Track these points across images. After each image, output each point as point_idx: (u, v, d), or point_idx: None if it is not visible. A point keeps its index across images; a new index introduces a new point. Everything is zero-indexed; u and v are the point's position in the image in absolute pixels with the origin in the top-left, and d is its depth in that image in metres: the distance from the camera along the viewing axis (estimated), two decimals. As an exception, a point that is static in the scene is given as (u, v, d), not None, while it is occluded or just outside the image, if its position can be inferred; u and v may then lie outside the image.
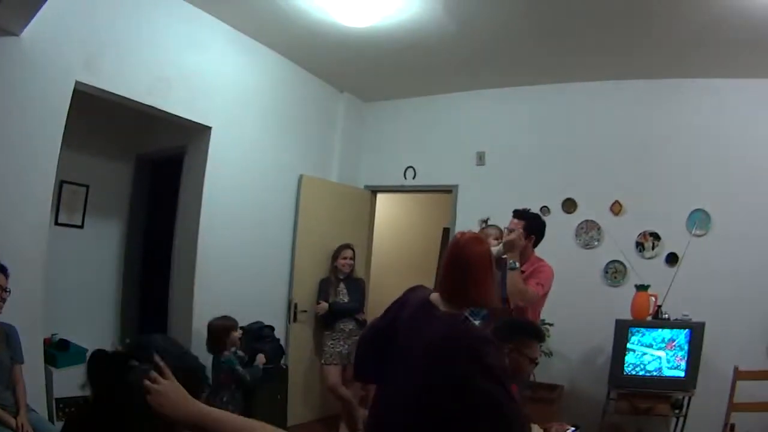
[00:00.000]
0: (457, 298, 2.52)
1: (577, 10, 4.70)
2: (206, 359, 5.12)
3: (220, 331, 4.94)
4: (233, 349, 4.94)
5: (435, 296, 2.57)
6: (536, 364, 3.13)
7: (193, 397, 1.63)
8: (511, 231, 4.22)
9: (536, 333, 3.17)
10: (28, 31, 3.80)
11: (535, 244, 4.34)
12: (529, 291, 4.00)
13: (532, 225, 4.32)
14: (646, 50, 5.30)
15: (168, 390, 1.59)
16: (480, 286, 2.54)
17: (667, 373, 5.08)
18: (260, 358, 5.15)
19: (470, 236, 2.68)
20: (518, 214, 4.38)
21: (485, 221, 4.71)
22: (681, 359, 5.08)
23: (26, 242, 3.98)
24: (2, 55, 3.76)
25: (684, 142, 5.74)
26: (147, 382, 1.57)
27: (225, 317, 5.07)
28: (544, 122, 6.47)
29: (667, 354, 5.09)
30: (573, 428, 2.91)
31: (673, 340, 5.09)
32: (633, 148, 5.97)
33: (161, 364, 1.61)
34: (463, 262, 2.55)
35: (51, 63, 4.02)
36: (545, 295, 4.18)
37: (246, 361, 5.05)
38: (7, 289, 3.55)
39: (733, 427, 4.86)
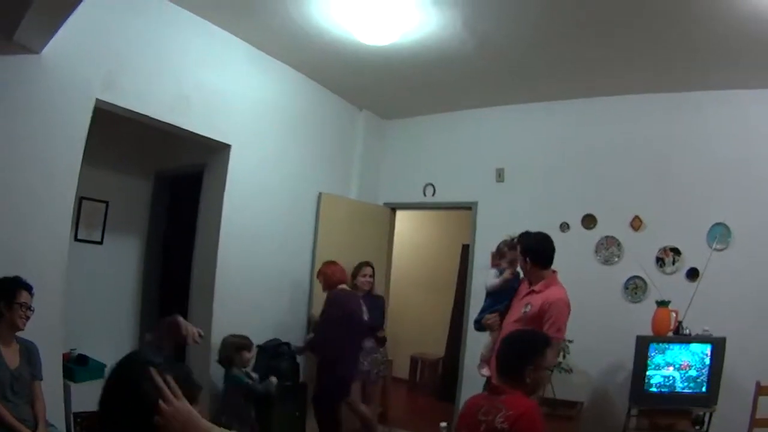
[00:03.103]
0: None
1: (595, 26, 4.71)
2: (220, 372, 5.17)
3: (231, 348, 5.03)
4: (244, 369, 5.04)
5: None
6: (551, 371, 3.08)
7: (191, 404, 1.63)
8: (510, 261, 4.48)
9: (545, 342, 3.07)
10: (48, 50, 3.87)
11: (542, 261, 4.21)
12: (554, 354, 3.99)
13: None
14: (664, 64, 5.27)
15: (181, 410, 1.58)
16: None
17: (689, 389, 5.00)
18: (272, 380, 5.16)
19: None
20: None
21: (511, 239, 4.63)
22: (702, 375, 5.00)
23: (46, 258, 4.03)
24: (24, 72, 3.82)
25: (703, 155, 5.68)
26: (161, 403, 1.55)
27: (241, 336, 5.13)
28: (562, 138, 6.45)
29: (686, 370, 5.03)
30: None
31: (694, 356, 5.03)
32: (652, 163, 5.92)
33: (172, 384, 1.59)
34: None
35: (71, 81, 4.08)
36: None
37: (257, 380, 5.10)
38: (32, 308, 3.60)
39: (756, 443, 4.80)
